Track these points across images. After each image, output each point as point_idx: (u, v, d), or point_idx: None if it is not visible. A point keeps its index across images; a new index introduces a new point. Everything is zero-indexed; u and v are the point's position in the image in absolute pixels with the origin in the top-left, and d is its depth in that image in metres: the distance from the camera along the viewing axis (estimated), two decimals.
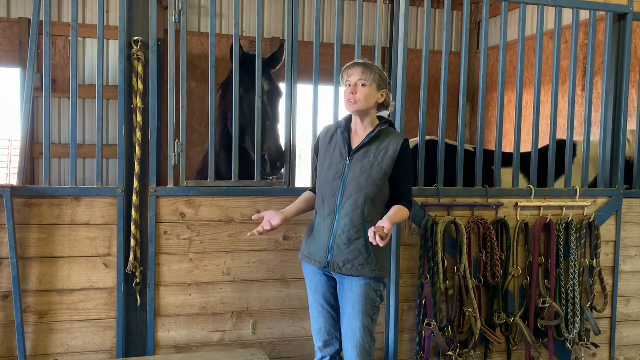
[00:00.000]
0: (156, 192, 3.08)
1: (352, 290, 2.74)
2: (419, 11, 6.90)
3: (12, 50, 5.59)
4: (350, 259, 2.71)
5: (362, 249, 2.71)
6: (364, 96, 2.72)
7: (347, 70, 2.78)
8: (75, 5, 2.98)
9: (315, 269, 2.84)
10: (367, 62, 2.82)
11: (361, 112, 2.76)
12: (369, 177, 2.72)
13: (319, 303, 2.85)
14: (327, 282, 2.84)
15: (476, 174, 3.56)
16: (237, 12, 3.19)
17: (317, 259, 2.79)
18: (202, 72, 6.09)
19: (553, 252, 3.55)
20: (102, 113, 3.03)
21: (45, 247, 2.97)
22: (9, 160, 13.40)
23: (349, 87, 2.75)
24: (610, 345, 3.87)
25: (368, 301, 2.73)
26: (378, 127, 2.79)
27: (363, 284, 2.72)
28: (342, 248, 2.72)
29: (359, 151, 2.77)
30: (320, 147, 2.91)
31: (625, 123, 3.80)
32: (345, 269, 2.72)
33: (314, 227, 2.84)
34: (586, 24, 4.69)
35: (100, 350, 3.07)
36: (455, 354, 3.33)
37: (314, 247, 2.81)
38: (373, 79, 2.74)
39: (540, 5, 3.59)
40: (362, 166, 2.74)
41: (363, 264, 2.71)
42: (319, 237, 2.79)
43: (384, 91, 2.80)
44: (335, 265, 2.74)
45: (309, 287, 2.90)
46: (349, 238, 2.71)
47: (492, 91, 6.66)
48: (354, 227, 2.71)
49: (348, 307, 2.76)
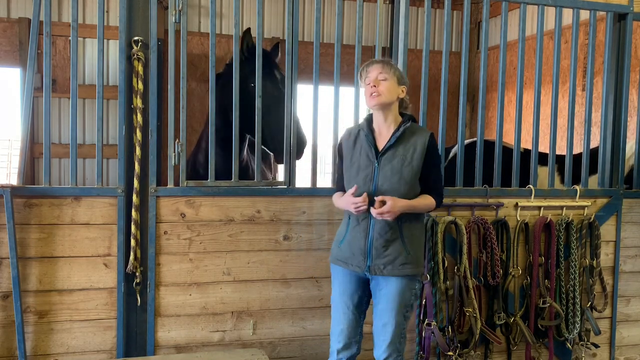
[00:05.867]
0: (156, 192, 3.08)
1: (387, 287, 2.71)
2: (419, 11, 6.90)
3: (12, 50, 5.59)
4: (391, 260, 2.69)
5: (401, 248, 2.69)
6: (386, 89, 2.67)
7: (365, 68, 2.75)
8: (75, 5, 2.98)
9: (347, 271, 2.80)
10: (385, 59, 2.81)
11: (384, 105, 2.70)
12: (401, 177, 2.69)
13: (345, 305, 2.81)
14: (358, 284, 2.81)
15: (476, 173, 3.56)
16: (237, 12, 3.19)
17: (356, 264, 2.74)
18: (202, 72, 6.09)
19: (553, 252, 3.55)
20: (102, 113, 3.03)
21: (45, 247, 2.97)
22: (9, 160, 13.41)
23: (368, 84, 2.70)
24: (610, 345, 3.87)
25: (402, 299, 2.71)
26: (402, 126, 2.73)
27: (400, 282, 2.70)
28: (380, 251, 2.69)
29: (387, 152, 2.72)
30: (344, 151, 2.85)
31: (625, 123, 3.80)
32: (387, 271, 2.69)
33: (348, 231, 2.79)
34: (586, 24, 4.69)
35: (100, 350, 3.07)
36: (455, 354, 3.33)
37: (350, 252, 2.76)
38: (393, 72, 2.71)
39: (540, 5, 3.59)
40: (392, 167, 2.69)
41: (404, 263, 2.69)
42: (355, 242, 2.75)
43: (403, 86, 2.76)
44: (376, 268, 2.70)
45: (337, 289, 2.85)
46: (386, 240, 2.69)
47: (492, 91, 6.67)
48: (390, 229, 2.69)
49: (382, 303, 2.73)
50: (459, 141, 3.55)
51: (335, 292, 2.87)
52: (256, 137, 3.25)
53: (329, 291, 3.32)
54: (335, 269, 2.88)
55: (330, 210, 3.30)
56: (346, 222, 2.83)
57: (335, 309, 2.86)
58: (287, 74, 3.27)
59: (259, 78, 3.20)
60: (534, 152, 3.66)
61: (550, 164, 3.70)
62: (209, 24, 3.41)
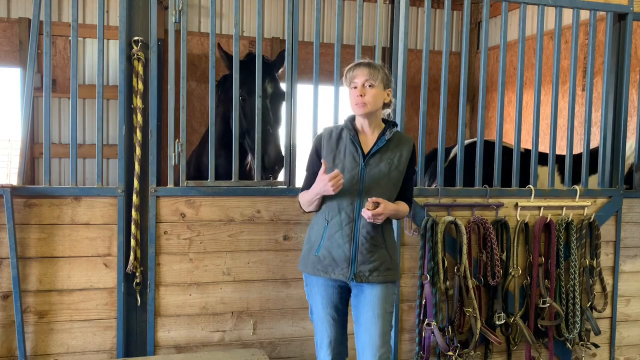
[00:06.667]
0: (156, 192, 3.08)
1: (372, 294, 2.64)
2: (419, 11, 6.90)
3: (12, 50, 5.60)
4: (377, 267, 2.62)
5: (385, 254, 2.66)
6: (372, 97, 2.62)
7: (352, 71, 2.66)
8: (75, 5, 2.98)
9: (328, 282, 2.70)
10: (371, 61, 2.73)
11: (369, 113, 2.67)
12: (389, 180, 2.66)
13: (330, 316, 2.71)
14: (341, 293, 2.73)
15: (476, 173, 3.56)
16: (237, 12, 3.19)
17: (339, 272, 2.63)
18: (202, 72, 6.10)
19: (553, 252, 3.55)
20: (102, 113, 3.03)
21: (45, 247, 2.97)
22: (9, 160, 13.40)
23: (354, 89, 2.64)
24: (610, 345, 3.87)
25: (386, 305, 2.66)
26: (389, 131, 2.70)
27: (384, 288, 2.65)
28: (366, 257, 2.61)
29: (374, 155, 2.67)
30: (324, 152, 2.73)
31: (625, 123, 3.80)
32: (372, 277, 2.62)
33: (325, 237, 2.66)
34: (586, 24, 4.69)
35: (100, 350, 3.07)
36: (455, 354, 3.33)
37: (330, 259, 2.65)
38: (381, 78, 2.65)
39: (540, 5, 3.59)
40: (380, 170, 2.66)
41: (390, 269, 2.66)
42: (337, 249, 2.64)
43: (389, 90, 2.73)
44: (361, 275, 2.62)
45: (319, 301, 2.73)
46: (373, 245, 2.63)
47: (492, 91, 6.66)
48: (378, 234, 2.64)
49: (367, 313, 2.65)
50: (459, 141, 3.55)
51: (317, 304, 2.75)
52: (256, 136, 3.25)
53: None
54: (312, 280, 2.75)
55: None
56: (321, 228, 2.69)
57: (319, 321, 2.75)
58: (287, 74, 3.28)
59: (259, 78, 3.20)
60: (534, 152, 3.65)
61: (550, 164, 3.70)
62: (209, 24, 3.41)
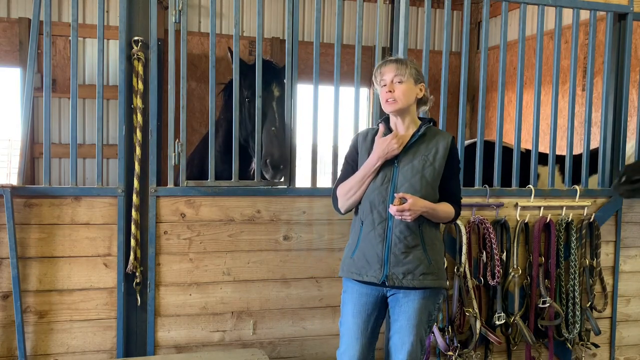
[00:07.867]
0: (156, 192, 3.08)
1: (408, 304, 2.52)
2: (419, 11, 6.90)
3: (12, 50, 5.60)
4: (411, 269, 2.49)
5: (422, 257, 2.52)
6: (402, 93, 2.53)
7: (380, 69, 2.61)
8: (75, 5, 2.98)
9: (362, 289, 2.57)
10: (399, 57, 2.68)
11: (401, 110, 2.57)
12: (422, 177, 2.53)
13: (358, 328, 2.56)
14: (375, 305, 2.58)
15: (476, 173, 3.56)
16: (237, 12, 3.19)
17: (371, 274, 2.52)
18: (202, 72, 6.10)
19: (553, 252, 3.55)
20: (102, 113, 3.03)
21: (45, 247, 2.97)
22: (9, 160, 13.40)
23: (384, 86, 2.57)
24: (610, 345, 3.87)
25: (424, 315, 2.53)
26: (424, 125, 2.60)
27: (421, 297, 2.52)
28: (399, 258, 2.50)
29: (407, 152, 2.57)
30: (359, 153, 2.68)
31: (625, 123, 3.80)
32: (406, 281, 2.49)
33: (360, 239, 2.58)
34: (586, 24, 4.69)
35: (100, 350, 3.07)
36: (455, 354, 3.33)
37: (364, 260, 2.55)
38: (409, 73, 2.55)
39: (540, 5, 3.59)
40: (413, 167, 2.55)
41: (425, 273, 2.51)
42: (370, 249, 2.54)
43: (421, 85, 2.62)
44: (394, 278, 2.50)
45: (350, 309, 2.60)
46: (406, 246, 2.50)
47: (492, 91, 6.67)
48: (411, 234, 2.51)
49: (401, 320, 2.53)
50: (459, 141, 3.55)
51: (347, 312, 2.62)
52: (256, 137, 3.24)
53: (329, 291, 3.34)
54: (348, 285, 2.65)
55: (330, 211, 3.29)
56: (357, 230, 2.62)
57: (346, 331, 2.60)
58: (287, 74, 3.28)
59: (258, 78, 3.20)
60: (534, 152, 3.65)
61: (550, 164, 3.70)
62: (209, 24, 3.41)
